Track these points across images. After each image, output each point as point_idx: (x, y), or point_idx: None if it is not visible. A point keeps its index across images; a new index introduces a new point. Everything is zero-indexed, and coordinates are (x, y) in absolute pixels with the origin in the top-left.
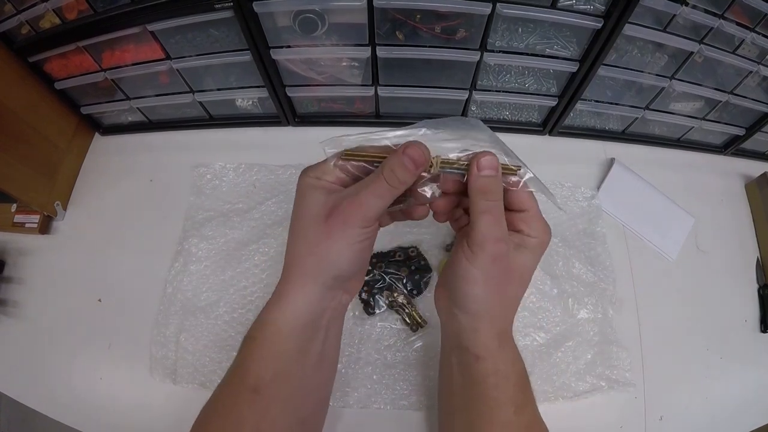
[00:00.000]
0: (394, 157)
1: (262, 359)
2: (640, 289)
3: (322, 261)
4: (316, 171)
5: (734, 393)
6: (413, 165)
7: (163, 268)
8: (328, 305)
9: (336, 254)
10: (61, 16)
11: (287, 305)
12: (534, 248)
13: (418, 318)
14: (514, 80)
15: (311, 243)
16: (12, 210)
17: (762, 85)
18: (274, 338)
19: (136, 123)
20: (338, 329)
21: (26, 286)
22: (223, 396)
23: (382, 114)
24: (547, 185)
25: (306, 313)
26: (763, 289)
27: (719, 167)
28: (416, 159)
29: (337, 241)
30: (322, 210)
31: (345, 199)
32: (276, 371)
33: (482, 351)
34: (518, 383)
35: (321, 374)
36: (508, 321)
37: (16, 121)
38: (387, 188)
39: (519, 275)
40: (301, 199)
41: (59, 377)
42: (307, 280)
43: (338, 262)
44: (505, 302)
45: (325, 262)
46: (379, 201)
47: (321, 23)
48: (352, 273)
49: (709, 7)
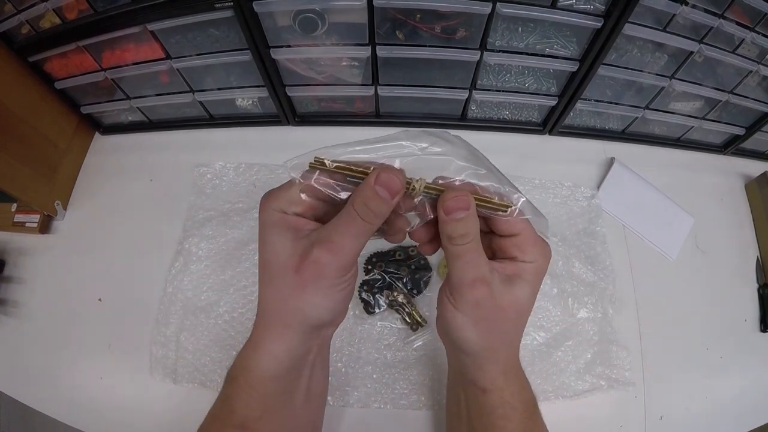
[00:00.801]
0: (366, 188)
1: (246, 400)
2: (639, 288)
3: (297, 314)
4: (280, 201)
5: (734, 393)
6: (388, 194)
7: (163, 268)
8: (311, 345)
9: (312, 308)
10: (61, 16)
11: (265, 354)
12: (530, 275)
13: (418, 317)
14: (514, 80)
15: (283, 295)
16: (12, 210)
17: (762, 85)
18: (255, 383)
19: (136, 123)
20: (324, 362)
21: (26, 286)
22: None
23: (382, 114)
24: (547, 185)
25: (288, 360)
26: (762, 289)
27: (719, 167)
28: (392, 187)
29: (313, 295)
30: (290, 260)
31: (315, 246)
32: (263, 411)
33: (489, 385)
34: (526, 411)
35: (309, 407)
36: (512, 355)
37: (16, 121)
38: (362, 225)
39: (514, 310)
40: (264, 241)
41: (59, 377)
42: (284, 330)
43: (316, 315)
44: (505, 339)
45: (299, 316)
46: (355, 242)
47: (321, 23)
48: (333, 318)
49: (709, 6)
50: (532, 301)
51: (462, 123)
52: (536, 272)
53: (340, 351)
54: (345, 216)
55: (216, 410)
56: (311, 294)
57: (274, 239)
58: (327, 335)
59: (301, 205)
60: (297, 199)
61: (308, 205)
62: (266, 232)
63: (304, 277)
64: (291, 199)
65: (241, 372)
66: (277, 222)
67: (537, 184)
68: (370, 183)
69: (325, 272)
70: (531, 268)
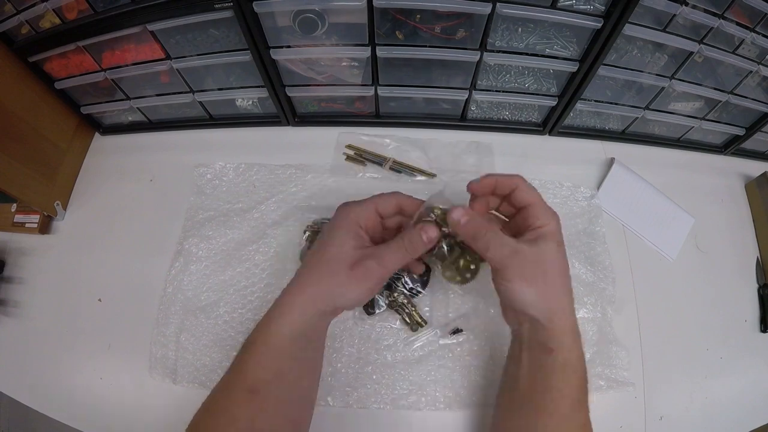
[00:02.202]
0: (414, 232)
1: (261, 361)
2: (639, 288)
3: (335, 297)
4: (359, 214)
5: (734, 393)
6: (428, 241)
7: (163, 268)
8: (322, 324)
9: (352, 295)
10: (61, 16)
11: (287, 321)
12: (548, 235)
13: (418, 318)
14: (513, 80)
15: (331, 281)
16: (12, 210)
17: (762, 85)
18: (273, 344)
19: (137, 123)
20: (323, 340)
21: (26, 286)
22: (221, 396)
23: (382, 114)
24: (547, 185)
25: (304, 328)
26: (762, 289)
27: (719, 167)
28: (431, 237)
29: (356, 288)
30: (350, 258)
31: (370, 258)
32: (274, 372)
33: (556, 344)
34: (582, 378)
35: (312, 378)
36: (572, 316)
37: (16, 121)
38: (404, 254)
39: (550, 262)
40: (333, 235)
41: (59, 377)
42: (311, 305)
43: (351, 301)
44: (558, 292)
45: (337, 298)
46: (395, 264)
47: (321, 23)
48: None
49: (709, 6)
50: (561, 254)
51: (462, 123)
52: (552, 231)
53: (340, 351)
54: (395, 245)
55: (228, 375)
56: (355, 287)
57: (343, 239)
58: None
59: (372, 219)
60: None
61: (374, 222)
62: (339, 231)
63: (356, 274)
64: (367, 216)
65: (260, 335)
66: (351, 229)
67: (537, 184)
68: (417, 228)
69: (371, 276)
70: (546, 229)
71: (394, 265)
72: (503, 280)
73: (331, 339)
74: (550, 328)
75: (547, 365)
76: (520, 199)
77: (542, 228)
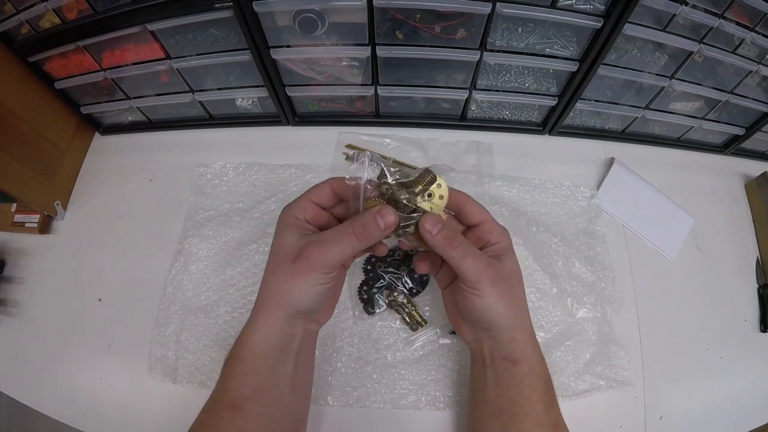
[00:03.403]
0: (368, 215)
1: (240, 376)
2: (639, 288)
3: (286, 297)
4: (294, 209)
5: (734, 393)
6: (386, 227)
7: (163, 268)
8: (295, 332)
9: (298, 293)
10: (61, 16)
11: (257, 330)
12: (507, 249)
13: (418, 317)
14: (513, 80)
15: (279, 280)
16: (12, 210)
17: (762, 85)
18: (249, 357)
19: (137, 123)
20: (309, 355)
21: (26, 286)
22: (206, 414)
23: (382, 114)
24: (547, 185)
25: (275, 338)
26: (762, 289)
27: (719, 167)
28: (389, 223)
29: (300, 283)
30: (291, 251)
31: (311, 244)
32: (253, 387)
33: (520, 355)
34: (547, 382)
35: (296, 396)
36: (529, 321)
37: (16, 121)
38: (352, 241)
39: (515, 276)
40: (276, 236)
41: (59, 377)
42: (274, 310)
43: (300, 300)
44: (521, 305)
45: (287, 298)
46: (340, 251)
47: (321, 23)
48: (315, 308)
49: (709, 6)
50: (518, 267)
51: (462, 123)
52: (509, 245)
53: (340, 351)
54: (341, 229)
55: (214, 392)
56: (300, 281)
57: (284, 235)
58: (310, 329)
59: (311, 212)
60: (308, 208)
61: (314, 213)
62: (280, 230)
63: (297, 267)
64: (303, 208)
65: (236, 349)
66: (290, 223)
67: (537, 184)
68: (373, 211)
69: (312, 266)
70: (504, 246)
71: (341, 251)
72: (474, 294)
73: (331, 339)
74: (515, 339)
75: (514, 377)
76: (471, 217)
77: (500, 243)
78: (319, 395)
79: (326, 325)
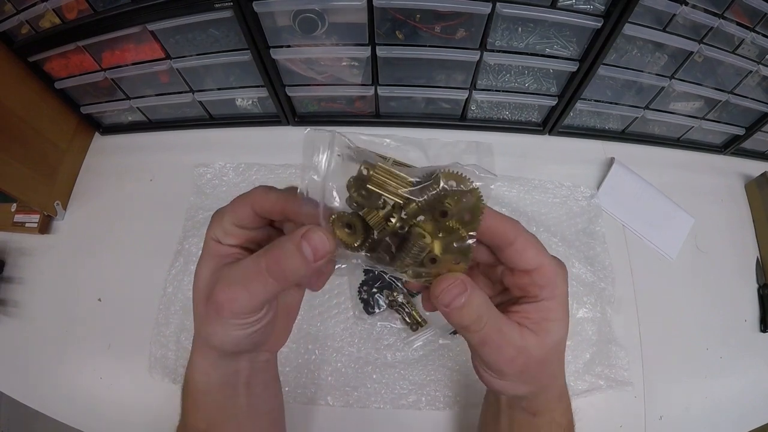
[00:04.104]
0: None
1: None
2: (639, 288)
3: (209, 340)
4: (216, 229)
5: (734, 393)
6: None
7: (163, 268)
8: (239, 367)
9: (216, 339)
10: (61, 16)
11: (196, 369)
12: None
13: (417, 317)
14: (513, 80)
15: (198, 320)
16: (12, 210)
17: (762, 85)
18: (196, 395)
19: (136, 123)
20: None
21: (26, 286)
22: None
23: (382, 114)
24: (547, 185)
25: (216, 376)
26: (762, 289)
27: (719, 167)
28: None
29: (215, 329)
30: (205, 289)
31: (219, 284)
32: (207, 423)
33: (542, 409)
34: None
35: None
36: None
37: (16, 121)
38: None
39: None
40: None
41: (59, 377)
42: (206, 350)
43: (222, 345)
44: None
45: (212, 342)
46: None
47: (321, 23)
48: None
49: (709, 6)
50: (567, 330)
51: (462, 123)
52: (563, 304)
53: (340, 351)
54: (253, 266)
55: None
56: (214, 328)
57: (200, 266)
58: (260, 360)
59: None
60: (230, 230)
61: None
62: (201, 254)
63: (209, 312)
64: (225, 229)
65: (185, 384)
66: (209, 249)
67: (537, 184)
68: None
69: (222, 312)
70: (557, 304)
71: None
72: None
73: (332, 339)
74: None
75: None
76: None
77: (551, 301)
78: (319, 395)
79: (326, 325)
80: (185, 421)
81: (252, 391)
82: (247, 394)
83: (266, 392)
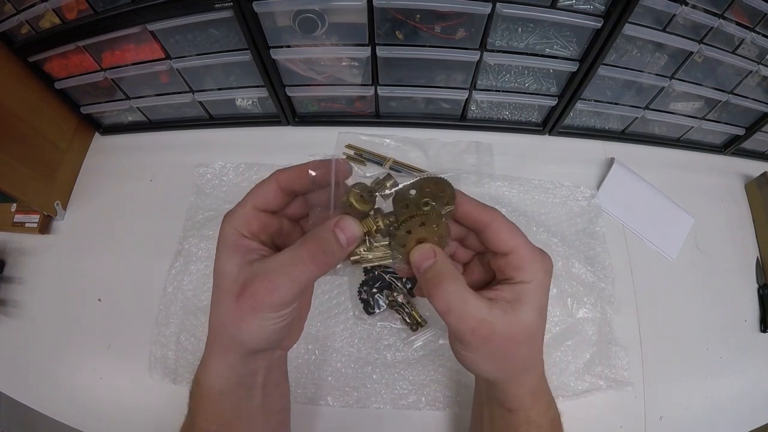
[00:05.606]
0: (325, 231)
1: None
2: (639, 288)
3: (235, 339)
4: (235, 220)
5: (734, 393)
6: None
7: (163, 268)
8: (257, 367)
9: (248, 335)
10: (61, 16)
11: (211, 370)
12: (531, 296)
13: (417, 317)
14: (513, 80)
15: (224, 319)
16: (12, 210)
17: (762, 85)
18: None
19: (136, 123)
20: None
21: (26, 286)
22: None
23: (382, 114)
24: (547, 185)
25: (233, 377)
26: (762, 289)
27: (719, 167)
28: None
29: (249, 325)
30: (234, 285)
31: (257, 278)
32: (219, 424)
33: (515, 405)
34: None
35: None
36: (537, 376)
37: (16, 121)
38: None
39: (525, 335)
40: (216, 258)
41: (59, 377)
42: (225, 350)
43: (252, 342)
44: (525, 364)
45: (237, 341)
46: (296, 286)
47: (321, 23)
48: (275, 345)
49: (709, 6)
50: (540, 319)
51: (462, 123)
52: (537, 290)
53: (340, 351)
54: (293, 253)
55: (183, 425)
56: (248, 324)
57: (224, 262)
58: (275, 358)
59: (256, 222)
60: (251, 217)
61: (262, 223)
62: (219, 250)
63: (242, 308)
64: (246, 219)
65: (196, 385)
66: (231, 243)
67: (537, 184)
68: (328, 226)
69: (261, 307)
70: (530, 288)
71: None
72: (461, 348)
73: (332, 339)
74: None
75: (510, 425)
76: (498, 243)
77: (525, 285)
78: (319, 395)
79: (326, 325)
80: (194, 422)
81: (266, 390)
82: (263, 394)
83: (278, 391)
